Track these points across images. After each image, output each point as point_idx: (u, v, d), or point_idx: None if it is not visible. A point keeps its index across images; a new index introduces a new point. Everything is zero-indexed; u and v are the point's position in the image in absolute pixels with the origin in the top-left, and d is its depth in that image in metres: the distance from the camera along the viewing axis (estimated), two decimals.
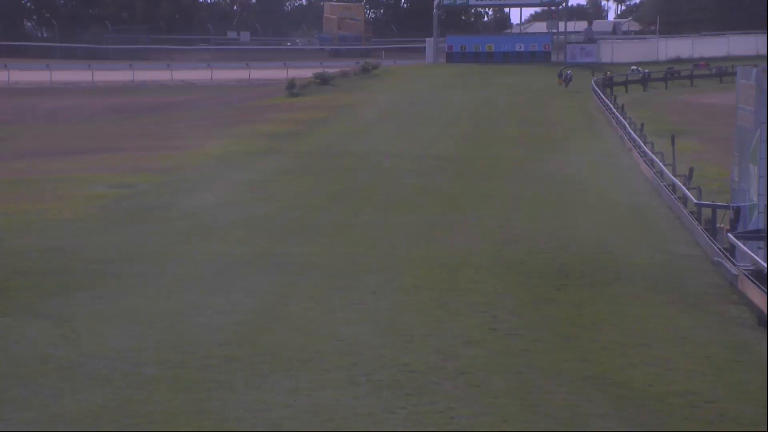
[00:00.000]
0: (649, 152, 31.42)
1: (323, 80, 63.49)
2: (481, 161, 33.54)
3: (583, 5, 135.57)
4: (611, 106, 45.66)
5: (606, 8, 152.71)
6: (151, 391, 12.21)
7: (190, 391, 12.24)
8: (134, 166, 31.98)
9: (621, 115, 41.68)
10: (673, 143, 29.60)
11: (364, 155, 34.46)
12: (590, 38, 79.97)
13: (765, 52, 71.52)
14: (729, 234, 19.35)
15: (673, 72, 66.27)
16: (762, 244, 18.34)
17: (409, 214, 24.11)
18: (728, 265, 18.35)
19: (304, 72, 68.76)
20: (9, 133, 46.27)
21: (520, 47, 77.07)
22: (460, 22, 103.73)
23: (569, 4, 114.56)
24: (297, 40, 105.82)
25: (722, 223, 21.01)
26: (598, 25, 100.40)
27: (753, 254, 17.67)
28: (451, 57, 76.64)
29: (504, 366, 13.26)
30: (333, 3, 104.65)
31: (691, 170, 26.28)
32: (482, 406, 11.86)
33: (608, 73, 62.32)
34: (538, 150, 36.59)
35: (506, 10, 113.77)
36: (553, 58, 76.79)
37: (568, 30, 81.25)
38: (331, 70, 68.53)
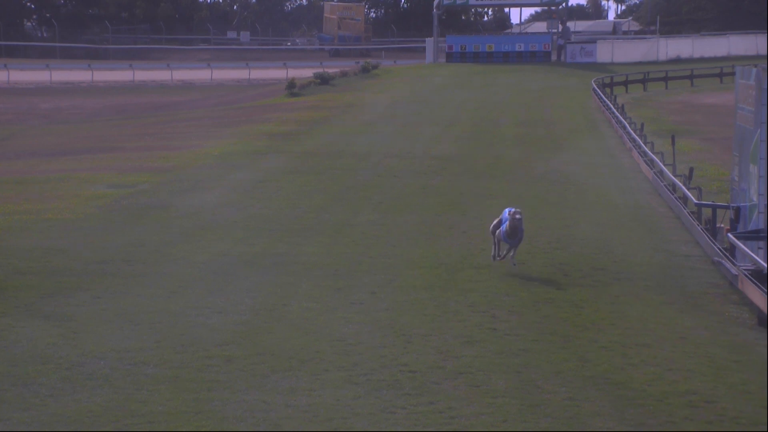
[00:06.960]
0: (649, 152, 31.42)
1: (323, 80, 63.48)
2: (481, 161, 33.51)
3: (583, 5, 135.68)
4: (611, 105, 45.64)
5: (606, 8, 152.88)
6: (151, 391, 12.21)
7: (190, 391, 12.25)
8: (134, 166, 31.97)
9: (621, 114, 41.68)
10: (673, 143, 29.60)
11: (364, 155, 34.43)
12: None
13: (765, 52, 71.58)
14: (729, 234, 19.34)
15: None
16: (762, 244, 18.34)
17: (409, 214, 24.10)
18: (728, 265, 18.35)
19: (304, 72, 68.81)
20: (9, 133, 46.27)
21: (520, 47, 77.01)
22: (460, 22, 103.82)
23: (569, 4, 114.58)
24: (297, 40, 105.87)
25: (722, 223, 21.01)
26: (598, 25, 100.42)
27: (753, 254, 17.67)
28: (451, 57, 76.58)
29: (504, 366, 13.26)
30: (333, 3, 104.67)
31: (691, 170, 26.27)
32: (482, 406, 11.86)
33: None
34: (538, 150, 36.58)
35: (506, 10, 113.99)
36: (553, 57, 76.79)
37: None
38: (331, 70, 68.54)
